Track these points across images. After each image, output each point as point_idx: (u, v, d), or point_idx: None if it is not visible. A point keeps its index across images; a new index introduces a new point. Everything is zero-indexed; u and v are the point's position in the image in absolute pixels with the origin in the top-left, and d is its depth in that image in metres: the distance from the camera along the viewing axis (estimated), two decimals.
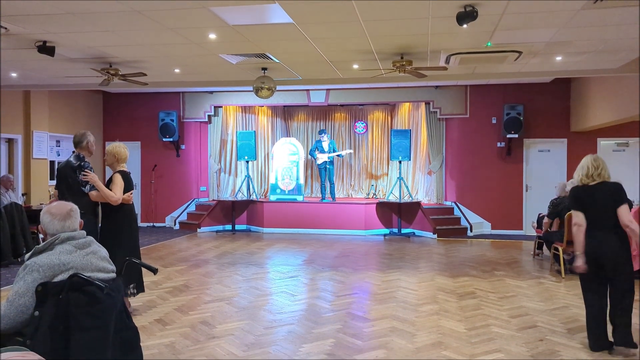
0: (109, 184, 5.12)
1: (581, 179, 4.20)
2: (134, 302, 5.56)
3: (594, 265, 4.11)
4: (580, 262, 4.09)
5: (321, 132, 11.88)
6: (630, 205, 7.09)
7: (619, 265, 4.05)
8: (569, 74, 8.50)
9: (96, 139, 13.56)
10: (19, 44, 6.50)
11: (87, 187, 4.92)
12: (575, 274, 7.11)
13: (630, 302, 4.08)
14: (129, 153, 5.39)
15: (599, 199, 4.09)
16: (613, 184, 4.15)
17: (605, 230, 4.07)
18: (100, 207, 5.13)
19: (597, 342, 4.19)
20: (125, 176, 5.18)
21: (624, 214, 3.99)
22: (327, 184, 11.81)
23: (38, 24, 5.68)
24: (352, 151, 13.00)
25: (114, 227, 5.12)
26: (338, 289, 6.34)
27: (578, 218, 4.17)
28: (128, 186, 5.18)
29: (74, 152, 5.12)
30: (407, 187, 11.76)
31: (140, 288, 5.30)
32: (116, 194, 4.99)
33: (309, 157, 12.46)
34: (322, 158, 11.61)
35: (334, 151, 11.70)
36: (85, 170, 4.94)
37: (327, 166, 11.67)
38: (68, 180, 4.95)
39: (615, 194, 4.08)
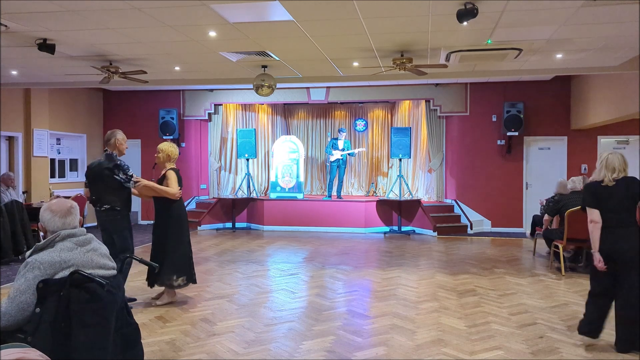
0: (162, 181, 5.40)
1: (607, 179, 4.06)
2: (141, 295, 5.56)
3: (608, 261, 4.05)
4: (598, 259, 4.04)
5: (340, 130, 11.96)
6: None
7: (634, 262, 4.00)
8: (569, 71, 8.50)
9: (97, 137, 13.52)
10: (19, 42, 6.50)
11: (131, 182, 5.16)
12: (574, 271, 7.16)
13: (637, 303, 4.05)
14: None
15: (618, 194, 4.02)
16: (631, 178, 4.08)
17: (624, 227, 4.02)
18: (132, 202, 5.46)
19: (589, 327, 4.18)
20: (177, 173, 5.49)
21: None
22: (336, 182, 11.82)
23: (38, 22, 5.68)
24: (364, 149, 13.02)
25: (168, 221, 5.44)
26: (338, 287, 6.35)
27: (594, 215, 4.09)
28: (180, 182, 5.48)
29: (105, 150, 5.28)
30: (407, 184, 11.76)
31: (191, 279, 5.57)
32: (174, 188, 5.33)
33: (326, 154, 12.45)
34: (335, 155, 11.68)
35: (347, 149, 11.74)
36: (135, 177, 5.26)
37: (340, 164, 11.73)
38: (105, 180, 5.15)
39: (635, 188, 4.01)
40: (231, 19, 5.56)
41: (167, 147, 5.57)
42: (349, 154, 11.93)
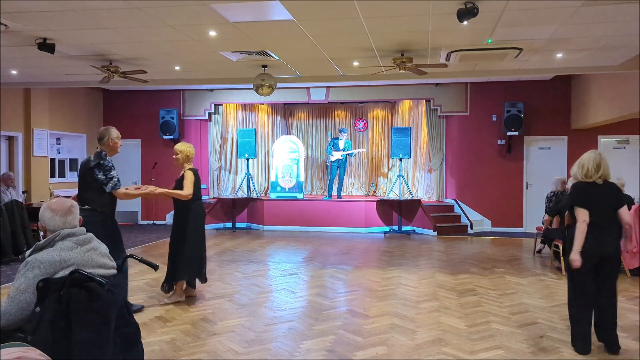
0: (181, 181, 5.45)
1: (580, 177, 4.14)
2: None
3: (592, 264, 4.05)
4: (577, 257, 3.99)
5: (341, 130, 11.96)
6: (632, 203, 7.12)
7: (616, 264, 4.10)
8: (570, 71, 8.50)
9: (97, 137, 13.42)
10: (19, 41, 6.49)
11: (109, 185, 4.84)
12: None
13: (615, 303, 4.12)
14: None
15: (604, 197, 4.06)
16: (614, 185, 4.15)
17: (608, 229, 4.05)
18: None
19: (586, 344, 4.11)
20: (196, 173, 5.54)
21: (626, 214, 4.08)
22: (336, 182, 11.83)
23: (38, 21, 5.68)
24: (364, 149, 13.02)
25: (184, 221, 5.49)
26: (338, 286, 6.35)
27: (584, 215, 4.06)
28: (198, 182, 5.52)
29: (97, 148, 5.10)
30: (407, 184, 11.76)
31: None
32: (187, 189, 5.37)
33: (326, 153, 12.48)
34: (336, 155, 11.69)
35: (348, 150, 11.75)
36: (141, 186, 5.21)
37: (340, 164, 11.73)
38: (86, 179, 4.91)
39: (617, 195, 4.11)
40: (231, 18, 5.56)
41: (186, 147, 5.60)
42: (348, 155, 11.93)
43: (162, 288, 5.58)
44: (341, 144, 11.75)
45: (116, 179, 4.90)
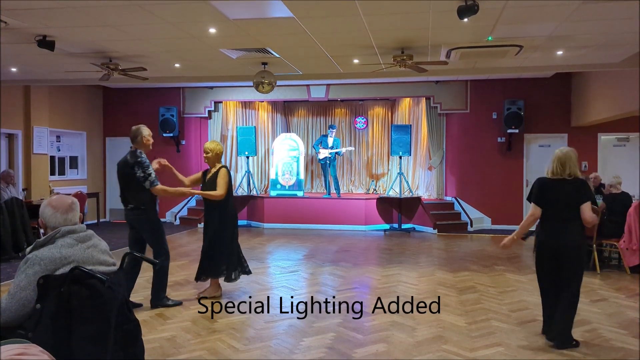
0: (215, 177, 5.43)
1: (548, 173, 4.23)
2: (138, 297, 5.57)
3: (550, 256, 4.17)
4: (508, 243, 4.35)
5: (331, 127, 11.95)
6: (630, 201, 7.13)
7: (575, 256, 4.08)
8: (570, 68, 8.49)
9: (97, 134, 13.47)
10: (19, 39, 6.48)
11: (147, 182, 5.01)
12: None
13: (572, 302, 4.10)
14: None
15: (565, 193, 4.09)
16: (580, 180, 4.14)
17: (565, 222, 4.11)
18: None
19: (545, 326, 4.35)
20: (229, 171, 5.53)
21: (587, 211, 4.04)
22: (330, 180, 11.83)
23: (38, 19, 5.67)
24: (352, 148, 13.02)
25: (217, 218, 5.49)
26: (338, 284, 6.36)
27: (537, 211, 4.27)
28: (230, 180, 5.56)
29: (131, 147, 5.21)
30: (407, 182, 11.76)
31: (244, 271, 5.74)
32: (220, 188, 5.34)
33: (313, 149, 12.46)
34: (323, 153, 11.67)
35: (336, 148, 11.74)
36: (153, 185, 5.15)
37: (328, 162, 11.71)
38: (127, 179, 5.06)
39: (580, 190, 4.09)
40: (231, 15, 5.55)
41: (215, 145, 5.59)
42: (336, 153, 11.90)
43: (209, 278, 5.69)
44: (330, 141, 11.74)
45: (154, 176, 5.05)
